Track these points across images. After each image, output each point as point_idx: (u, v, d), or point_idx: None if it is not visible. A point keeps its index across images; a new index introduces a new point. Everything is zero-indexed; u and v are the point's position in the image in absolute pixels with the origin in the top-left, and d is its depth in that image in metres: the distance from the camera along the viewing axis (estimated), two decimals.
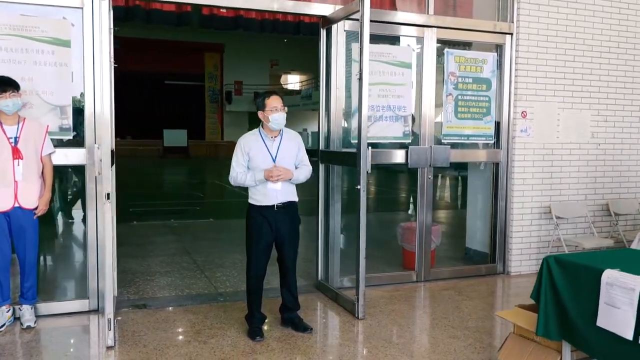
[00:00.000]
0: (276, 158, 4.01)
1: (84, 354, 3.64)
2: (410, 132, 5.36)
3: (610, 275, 2.78)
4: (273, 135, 4.02)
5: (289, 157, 4.08)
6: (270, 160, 3.98)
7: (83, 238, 4.55)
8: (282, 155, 4.03)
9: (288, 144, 4.09)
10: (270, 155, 4.00)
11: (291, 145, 4.12)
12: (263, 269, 4.07)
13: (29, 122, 4.06)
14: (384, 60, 5.22)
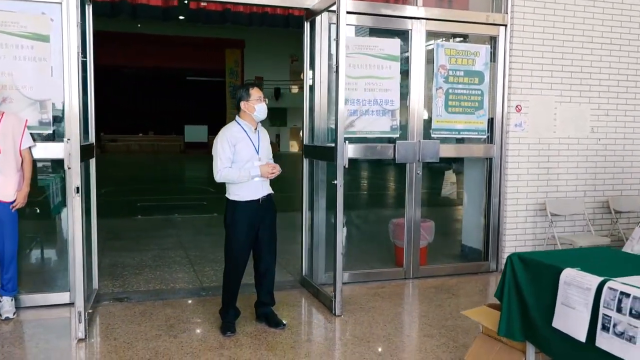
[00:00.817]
0: (259, 151, 4.00)
1: (54, 346, 3.67)
2: (397, 126, 5.27)
3: (568, 274, 2.68)
4: (254, 127, 4.00)
5: (267, 150, 4.09)
6: (255, 153, 3.96)
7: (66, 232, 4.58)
8: (263, 148, 4.03)
9: (264, 137, 4.09)
10: (254, 147, 3.97)
11: (266, 138, 4.11)
12: (245, 265, 4.05)
13: (7, 116, 4.11)
14: (370, 53, 5.13)
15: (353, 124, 5.14)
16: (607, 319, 2.42)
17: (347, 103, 5.07)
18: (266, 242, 4.06)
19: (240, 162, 3.90)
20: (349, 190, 9.45)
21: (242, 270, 4.04)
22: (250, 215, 3.93)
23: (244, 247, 3.96)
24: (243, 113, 3.97)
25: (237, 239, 3.93)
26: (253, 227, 3.96)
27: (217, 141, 3.90)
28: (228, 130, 3.95)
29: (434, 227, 5.91)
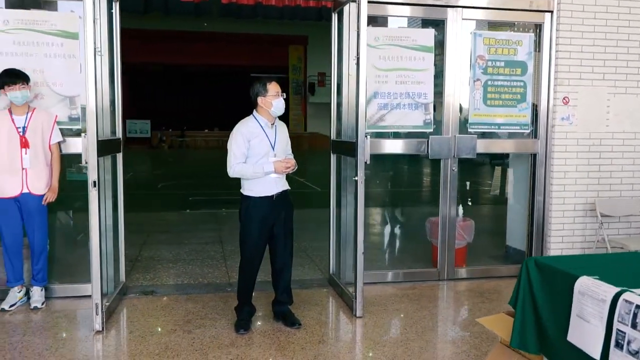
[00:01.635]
0: (275, 147, 3.93)
1: (72, 336, 3.75)
2: (431, 120, 5.03)
3: (583, 283, 2.42)
4: (271, 122, 3.92)
5: (284, 145, 4.01)
6: (270, 149, 3.89)
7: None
8: (279, 144, 3.95)
9: (282, 132, 4.01)
10: (270, 143, 3.90)
11: (284, 133, 4.03)
12: (260, 261, 4.00)
13: (38, 112, 4.23)
14: (402, 44, 4.92)
15: (383, 118, 4.95)
16: (621, 335, 2.16)
17: (377, 97, 4.91)
18: (281, 239, 3.98)
19: (255, 157, 3.83)
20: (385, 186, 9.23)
21: (256, 267, 3.98)
22: (264, 211, 3.86)
23: (258, 244, 3.90)
24: (260, 108, 3.90)
25: (250, 235, 3.87)
26: (267, 224, 3.89)
27: (232, 136, 3.86)
28: (243, 125, 3.88)
29: (474, 227, 5.63)
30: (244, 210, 3.93)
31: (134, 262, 5.70)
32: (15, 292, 4.29)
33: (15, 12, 4.32)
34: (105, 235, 4.59)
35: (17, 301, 4.27)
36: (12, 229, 4.20)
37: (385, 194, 9.18)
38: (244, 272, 3.96)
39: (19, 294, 4.30)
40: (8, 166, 4.11)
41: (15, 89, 4.07)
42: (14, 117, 4.14)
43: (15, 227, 4.21)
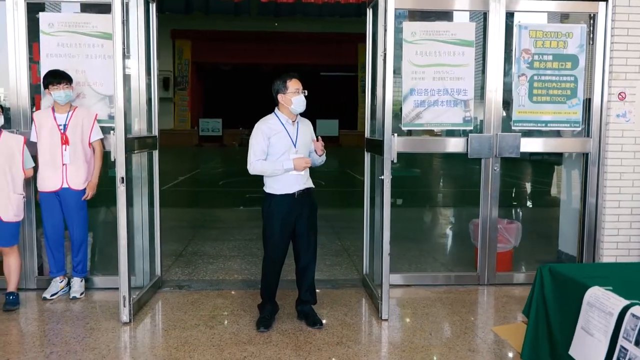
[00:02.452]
0: (296, 144, 3.90)
1: (100, 326, 3.88)
2: (471, 118, 4.82)
3: (593, 294, 2.22)
4: (292, 119, 3.90)
5: (307, 143, 3.97)
6: (292, 146, 3.87)
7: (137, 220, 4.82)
8: (301, 141, 3.92)
9: (305, 130, 3.97)
10: (292, 140, 3.88)
11: (307, 131, 3.99)
12: (282, 260, 3.98)
13: (79, 110, 4.42)
14: (440, 39, 4.74)
15: (420, 116, 4.80)
16: (623, 353, 1.96)
17: (414, 93, 4.77)
18: (304, 238, 3.95)
19: (275, 154, 3.81)
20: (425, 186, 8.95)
21: (278, 265, 3.97)
22: (285, 209, 3.83)
23: (280, 242, 3.88)
24: (281, 105, 3.88)
25: (272, 233, 3.86)
26: (289, 222, 3.86)
27: (253, 133, 3.84)
28: (264, 123, 3.87)
29: (521, 230, 5.35)
30: (266, 208, 3.91)
31: (177, 257, 5.85)
32: (57, 282, 4.51)
33: (60, 15, 4.54)
34: (142, 230, 4.74)
35: (59, 291, 4.49)
36: (53, 222, 4.41)
37: (427, 194, 8.95)
38: (267, 270, 3.96)
39: (60, 283, 4.51)
40: (49, 162, 4.32)
41: (59, 88, 4.27)
42: (56, 115, 4.35)
43: (56, 220, 4.42)
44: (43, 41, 4.52)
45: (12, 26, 4.45)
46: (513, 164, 8.33)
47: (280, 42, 29.39)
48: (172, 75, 32.85)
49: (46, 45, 4.52)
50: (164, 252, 5.88)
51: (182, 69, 32.91)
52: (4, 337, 3.72)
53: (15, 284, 4.28)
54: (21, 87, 4.51)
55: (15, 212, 4.16)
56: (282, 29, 27.26)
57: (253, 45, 30.09)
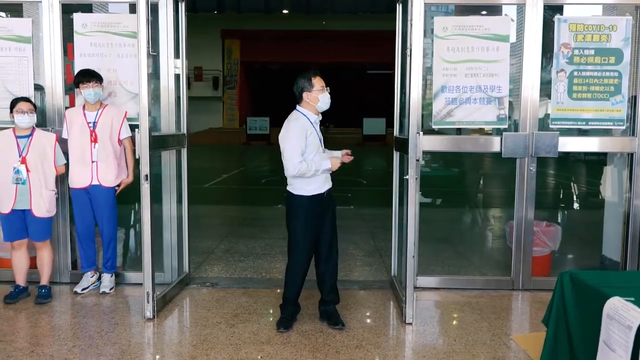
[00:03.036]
0: (322, 142, 3.86)
1: (124, 321, 3.94)
2: (506, 116, 4.63)
3: (612, 305, 2.06)
4: (318, 117, 3.85)
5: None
6: (320, 145, 3.82)
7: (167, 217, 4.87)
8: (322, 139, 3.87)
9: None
10: (319, 139, 3.84)
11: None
12: (309, 262, 3.93)
13: (109, 108, 4.51)
14: (473, 34, 4.57)
15: (451, 114, 4.64)
16: None
17: (445, 90, 4.62)
18: (327, 238, 3.89)
19: (310, 154, 3.74)
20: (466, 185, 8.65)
21: (306, 267, 3.91)
22: (315, 210, 3.79)
23: (309, 243, 3.82)
24: (305, 103, 3.81)
25: (305, 235, 3.79)
26: (318, 222, 3.82)
27: (291, 132, 3.70)
28: (298, 121, 3.75)
29: (560, 233, 5.10)
30: (293, 210, 3.84)
31: (209, 254, 5.90)
32: (88, 276, 4.61)
33: (92, 16, 4.64)
34: (171, 227, 4.78)
35: (90, 285, 4.59)
36: (83, 218, 4.51)
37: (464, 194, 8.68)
38: (295, 272, 3.86)
39: (91, 278, 4.61)
40: (79, 159, 4.42)
41: (88, 87, 4.36)
42: (86, 112, 4.44)
43: (86, 216, 4.51)
44: (77, 41, 4.63)
45: (47, 27, 4.58)
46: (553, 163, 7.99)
47: (328, 41, 29.37)
48: (222, 74, 33.41)
49: (80, 45, 4.63)
50: (197, 249, 5.98)
51: (231, 68, 33.42)
52: (33, 329, 3.83)
53: (48, 277, 4.41)
54: (56, 86, 4.64)
55: (47, 207, 4.27)
56: (330, 27, 27.26)
57: (300, 44, 30.18)
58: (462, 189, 8.46)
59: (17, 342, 3.57)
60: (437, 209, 8.15)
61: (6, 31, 4.62)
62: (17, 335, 3.70)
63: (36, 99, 4.62)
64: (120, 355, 3.38)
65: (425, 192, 8.76)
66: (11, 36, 4.62)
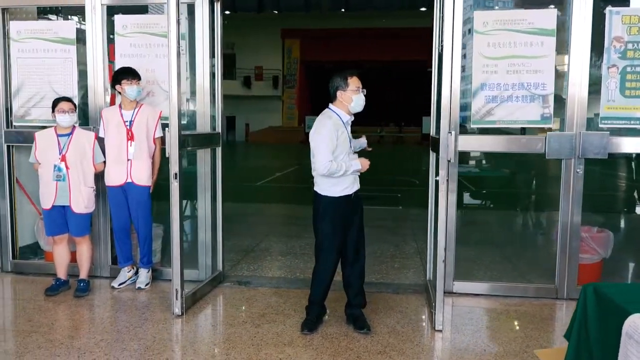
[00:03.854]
0: (351, 143, 3.79)
1: (153, 317, 4.00)
2: (551, 114, 4.37)
3: (632, 323, 1.87)
4: (350, 118, 3.77)
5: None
6: (349, 145, 3.75)
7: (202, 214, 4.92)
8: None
9: None
10: (349, 140, 3.77)
11: None
12: (337, 264, 3.87)
13: (144, 107, 4.60)
14: (515, 28, 4.34)
15: (492, 112, 4.44)
16: None
17: (485, 88, 4.43)
18: (354, 240, 3.80)
19: (339, 154, 3.66)
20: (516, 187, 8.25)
21: (333, 269, 3.84)
22: (343, 211, 3.71)
23: (337, 245, 3.75)
24: (338, 102, 3.74)
25: (334, 236, 3.72)
26: (346, 224, 3.74)
27: (323, 131, 3.61)
28: (330, 119, 3.68)
29: (612, 239, 4.78)
30: (321, 211, 3.76)
31: (247, 253, 5.93)
32: (124, 271, 4.73)
33: (132, 17, 4.74)
34: (205, 225, 4.83)
35: (127, 280, 4.70)
36: (119, 215, 4.62)
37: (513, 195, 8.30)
38: (320, 275, 3.79)
39: (128, 273, 4.73)
40: (116, 157, 4.53)
41: (132, 84, 4.45)
42: (122, 111, 4.54)
43: (122, 213, 4.61)
44: (118, 42, 4.75)
45: (90, 29, 4.73)
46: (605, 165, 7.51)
47: (387, 39, 29.11)
48: (281, 73, 33.79)
49: (120, 46, 4.75)
50: (236, 247, 6.04)
51: (290, 67, 33.76)
52: (67, 321, 3.95)
53: (87, 271, 4.55)
54: (98, 86, 4.78)
55: (85, 204, 4.41)
56: (389, 25, 26.96)
57: (359, 42, 30.05)
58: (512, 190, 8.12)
59: (50, 333, 3.70)
60: (484, 211, 7.88)
61: (52, 33, 4.80)
62: (51, 327, 3.83)
63: (78, 99, 4.78)
64: (143, 350, 3.43)
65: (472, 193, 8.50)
66: (57, 38, 4.80)
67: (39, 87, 4.85)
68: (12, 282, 4.85)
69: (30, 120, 4.89)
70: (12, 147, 4.99)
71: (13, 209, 5.08)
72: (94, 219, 4.64)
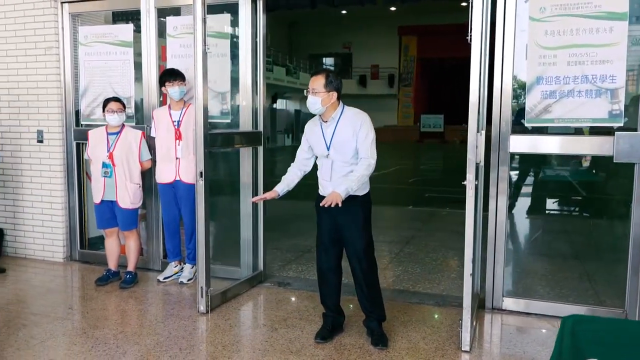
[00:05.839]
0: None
1: (180, 313, 4.04)
2: (621, 111, 3.77)
3: None
4: None
5: None
6: None
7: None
8: None
9: None
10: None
11: None
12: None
13: (192, 107, 4.67)
14: (580, 13, 3.80)
15: (549, 110, 3.93)
16: None
17: (541, 82, 3.94)
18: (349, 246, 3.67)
19: None
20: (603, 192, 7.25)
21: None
22: None
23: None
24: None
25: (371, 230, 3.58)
26: None
27: (371, 125, 3.45)
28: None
29: None
30: (367, 211, 3.58)
31: (303, 253, 5.83)
32: (171, 266, 4.86)
33: (182, 19, 4.86)
34: (246, 224, 4.81)
35: (172, 275, 4.83)
36: (168, 211, 4.75)
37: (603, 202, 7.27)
38: (376, 278, 3.61)
39: (174, 268, 4.85)
40: (165, 155, 4.66)
41: (173, 85, 4.57)
42: (171, 111, 4.66)
43: (171, 210, 4.74)
44: (169, 43, 4.89)
45: (145, 31, 4.91)
46: None
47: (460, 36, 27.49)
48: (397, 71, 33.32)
49: (171, 47, 4.88)
50: (295, 246, 5.99)
51: (407, 65, 33.18)
52: (99, 311, 4.12)
53: (134, 264, 4.74)
54: (151, 86, 4.96)
55: (131, 200, 4.59)
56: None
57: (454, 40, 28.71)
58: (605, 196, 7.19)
59: (80, 321, 3.89)
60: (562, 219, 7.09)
61: (112, 37, 5.07)
62: (83, 315, 4.03)
63: (130, 100, 4.99)
64: (153, 346, 3.47)
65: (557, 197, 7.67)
66: (116, 41, 5.05)
67: (102, 88, 5.13)
68: (74, 271, 5.21)
69: (94, 119, 5.20)
70: (81, 144, 5.34)
71: (82, 202, 5.44)
72: (138, 214, 4.81)
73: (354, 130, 3.37)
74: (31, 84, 5.27)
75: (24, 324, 3.82)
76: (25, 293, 4.53)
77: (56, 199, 5.32)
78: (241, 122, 4.75)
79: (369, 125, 3.40)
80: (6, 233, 5.53)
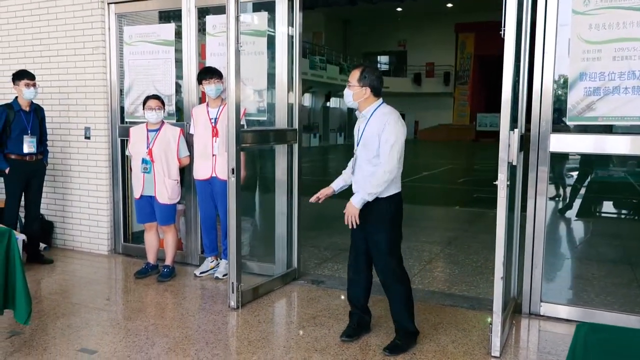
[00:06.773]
0: None
1: (211, 308, 4.10)
2: None
3: None
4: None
5: None
6: None
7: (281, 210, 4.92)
8: None
9: None
10: None
11: None
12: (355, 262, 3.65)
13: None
14: (628, 5, 3.60)
15: (593, 107, 3.75)
16: None
17: (584, 78, 3.77)
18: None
19: None
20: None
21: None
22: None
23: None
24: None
25: (400, 233, 3.50)
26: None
27: (400, 127, 3.30)
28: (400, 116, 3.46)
29: None
30: (394, 211, 3.43)
31: (342, 252, 5.78)
32: (208, 261, 4.94)
33: (220, 17, 4.91)
34: (287, 220, 4.82)
35: (208, 270, 4.92)
36: (205, 208, 4.83)
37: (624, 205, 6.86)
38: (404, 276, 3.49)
39: (210, 263, 4.94)
40: (202, 152, 4.74)
41: (210, 83, 4.64)
42: (209, 109, 4.74)
43: (208, 206, 4.82)
44: (208, 42, 4.97)
45: (186, 30, 5.01)
46: None
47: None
48: (454, 69, 32.70)
49: (210, 45, 4.96)
50: (335, 245, 5.98)
51: (463, 63, 32.53)
52: (135, 303, 4.24)
53: (172, 258, 4.85)
54: (191, 84, 5.05)
55: (169, 195, 4.69)
56: None
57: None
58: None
59: (115, 312, 4.02)
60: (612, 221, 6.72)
61: (155, 36, 5.20)
62: (121, 306, 4.16)
63: (171, 98, 5.10)
64: (180, 339, 3.54)
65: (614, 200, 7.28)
66: (159, 40, 5.18)
67: (145, 86, 5.27)
68: (117, 263, 5.38)
69: (138, 117, 5.35)
70: (125, 140, 5.51)
71: (126, 196, 5.62)
72: (176, 209, 4.90)
73: (378, 130, 3.29)
74: (79, 82, 5.49)
75: (63, 313, 3.97)
76: (68, 283, 4.72)
77: (101, 194, 5.52)
78: (277, 119, 4.77)
79: (393, 127, 3.25)
80: (55, 226, 5.78)
